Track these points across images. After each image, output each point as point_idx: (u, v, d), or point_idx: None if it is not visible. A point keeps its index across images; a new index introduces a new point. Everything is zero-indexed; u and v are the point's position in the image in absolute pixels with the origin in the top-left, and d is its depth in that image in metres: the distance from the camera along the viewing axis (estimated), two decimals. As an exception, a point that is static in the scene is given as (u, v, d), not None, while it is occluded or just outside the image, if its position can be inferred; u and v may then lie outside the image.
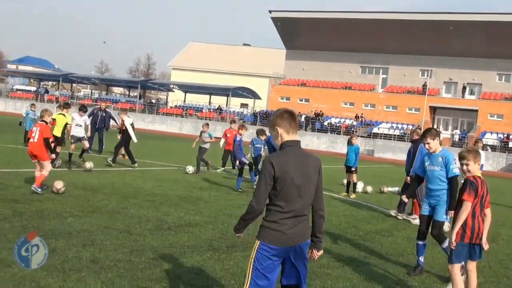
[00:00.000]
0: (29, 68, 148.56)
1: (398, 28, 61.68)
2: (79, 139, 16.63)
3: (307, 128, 60.51)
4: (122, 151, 18.99)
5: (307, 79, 69.15)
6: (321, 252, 4.57)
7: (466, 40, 58.91)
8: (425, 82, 60.91)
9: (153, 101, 74.28)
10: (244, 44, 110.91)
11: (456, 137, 56.59)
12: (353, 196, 16.66)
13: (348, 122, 61.20)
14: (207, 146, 19.45)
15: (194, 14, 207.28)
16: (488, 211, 6.30)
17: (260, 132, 16.18)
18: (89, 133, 20.00)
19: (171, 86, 72.75)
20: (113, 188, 13.02)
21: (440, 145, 8.09)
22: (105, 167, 17.44)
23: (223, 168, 21.27)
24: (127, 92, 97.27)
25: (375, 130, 58.68)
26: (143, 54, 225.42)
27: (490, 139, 54.65)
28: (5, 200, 9.99)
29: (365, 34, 63.75)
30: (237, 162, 15.92)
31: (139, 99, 73.37)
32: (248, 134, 57.89)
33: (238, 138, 16.33)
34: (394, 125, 60.01)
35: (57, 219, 8.88)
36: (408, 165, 13.16)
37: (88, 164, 15.94)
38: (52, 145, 12.27)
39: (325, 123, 60.95)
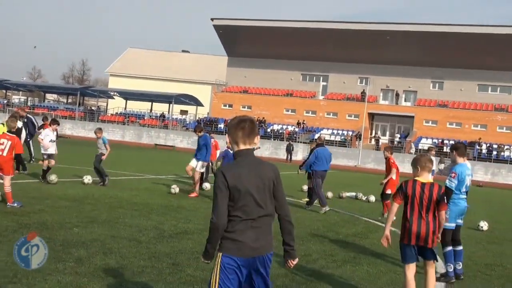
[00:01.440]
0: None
1: (337, 37, 63.72)
2: (49, 156, 16.00)
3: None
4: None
5: (249, 86, 70.16)
6: (297, 260, 4.48)
7: (401, 49, 61.53)
8: (364, 90, 63.16)
9: (94, 108, 73.23)
10: (183, 51, 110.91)
11: (396, 140, 58.88)
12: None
13: (290, 128, 62.50)
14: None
15: (132, 19, 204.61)
16: (441, 214, 6.40)
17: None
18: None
19: (112, 93, 72.07)
20: (95, 198, 13.31)
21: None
22: (67, 178, 17.55)
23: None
24: (61, 99, 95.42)
25: (316, 136, 60.13)
26: (77, 60, 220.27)
27: (426, 144, 57.22)
28: (3, 213, 10.20)
29: (305, 43, 65.40)
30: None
31: (78, 106, 72.22)
32: (193, 141, 58.41)
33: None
34: (335, 131, 61.79)
35: (63, 230, 9.22)
36: None
37: (53, 176, 15.48)
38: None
39: (268, 130, 62.04)
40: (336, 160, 51.93)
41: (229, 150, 15.96)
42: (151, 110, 72.95)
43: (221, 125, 63.51)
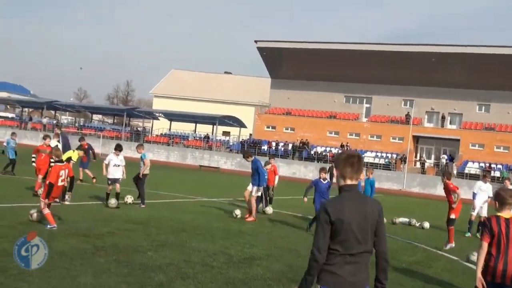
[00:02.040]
0: (4, 94, 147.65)
1: (380, 58, 63.53)
2: (115, 181, 16.21)
3: (294, 157, 61.55)
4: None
5: (292, 108, 70.42)
6: None
7: (447, 71, 60.97)
8: (408, 112, 62.70)
9: (139, 129, 74.63)
10: (225, 72, 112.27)
11: (443, 161, 57.99)
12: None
13: (334, 150, 62.34)
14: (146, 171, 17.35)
15: (176, 41, 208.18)
16: None
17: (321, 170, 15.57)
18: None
19: (157, 114, 73.31)
20: (158, 221, 13.67)
21: None
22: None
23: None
24: (106, 119, 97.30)
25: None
26: (122, 81, 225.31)
27: (472, 168, 56.33)
28: (77, 235, 10.60)
29: (349, 64, 65.47)
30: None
31: (125, 127, 73.68)
32: (237, 163, 58.74)
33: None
34: (379, 154, 61.39)
35: (137, 254, 9.53)
36: None
37: (113, 201, 15.71)
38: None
39: (312, 152, 62.04)
40: (380, 184, 51.48)
41: (320, 180, 15.11)
42: (195, 131, 73.83)
43: (265, 147, 63.82)
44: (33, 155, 16.86)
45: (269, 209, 18.49)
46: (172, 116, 73.58)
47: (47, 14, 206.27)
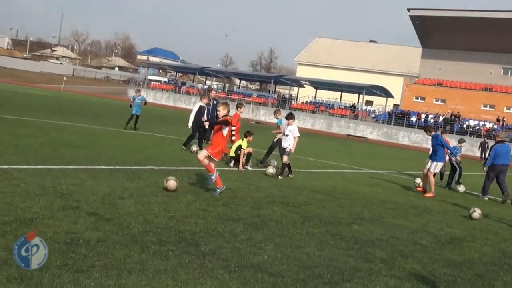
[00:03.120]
0: (157, 59, 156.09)
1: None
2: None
3: (445, 130, 58.99)
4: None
5: (443, 79, 67.39)
6: None
7: None
8: None
9: (286, 96, 75.51)
10: (370, 41, 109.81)
11: None
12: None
13: (488, 125, 58.96)
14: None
15: (320, 9, 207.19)
16: None
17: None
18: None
19: (303, 82, 73.61)
20: (342, 192, 13.69)
21: None
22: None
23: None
24: (249, 86, 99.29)
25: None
26: (265, 48, 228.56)
27: None
28: (279, 203, 10.86)
29: (508, 34, 61.12)
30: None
31: (272, 93, 74.87)
32: (384, 133, 57.36)
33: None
34: (540, 131, 57.11)
35: (343, 226, 9.57)
36: None
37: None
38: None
39: (464, 126, 59.15)
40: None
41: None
42: (340, 99, 73.30)
43: (413, 118, 61.88)
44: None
45: (461, 188, 18.38)
46: (318, 84, 73.56)
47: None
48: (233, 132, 16.15)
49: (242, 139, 15.94)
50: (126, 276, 5.50)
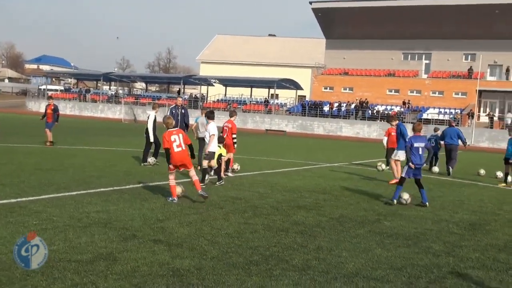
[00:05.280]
0: (47, 67, 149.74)
1: (439, 13, 62.33)
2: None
3: (356, 117, 61.40)
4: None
5: (349, 67, 69.89)
6: None
7: (510, 22, 59.54)
8: (471, 66, 61.83)
9: (197, 95, 75.10)
10: (269, 35, 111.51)
11: (509, 121, 57.24)
12: (514, 186, 17.54)
13: (396, 108, 61.88)
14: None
15: (217, 6, 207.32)
16: None
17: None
18: None
19: (213, 80, 73.56)
20: (333, 190, 14.00)
21: None
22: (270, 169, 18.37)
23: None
24: (148, 88, 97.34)
25: (424, 116, 59.32)
26: (163, 49, 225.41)
27: (542, 120, 55.48)
28: (296, 207, 10.97)
29: (405, 21, 64.42)
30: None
31: (183, 94, 74.23)
32: (299, 125, 58.66)
33: None
34: (442, 110, 60.70)
35: (374, 222, 9.86)
36: None
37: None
38: None
39: (374, 111, 61.72)
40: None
41: None
42: (250, 95, 73.99)
43: (326, 108, 63.72)
44: None
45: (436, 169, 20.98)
46: (227, 82, 73.79)
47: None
48: (235, 140, 16.07)
49: (220, 147, 15.81)
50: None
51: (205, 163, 13.65)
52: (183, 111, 18.42)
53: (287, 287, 5.93)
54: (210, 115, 14.65)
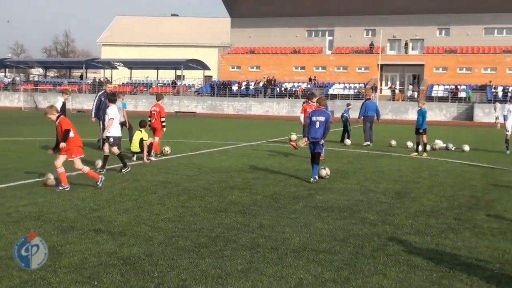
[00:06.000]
0: None
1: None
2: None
3: (265, 95, 62.11)
4: None
5: (255, 46, 70.33)
6: None
7: (407, -2, 62.27)
8: (372, 41, 64.10)
9: (102, 79, 72.87)
10: (172, 15, 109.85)
11: (409, 93, 59.98)
12: (424, 155, 18.45)
13: (303, 86, 63.09)
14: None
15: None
16: None
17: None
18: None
19: (117, 64, 71.64)
20: (277, 168, 14.16)
21: None
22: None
23: None
24: (44, 73, 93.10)
25: (330, 91, 60.95)
26: (60, 32, 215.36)
27: (439, 91, 58.61)
28: (234, 188, 11.01)
29: (308, -2, 65.73)
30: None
31: (85, 79, 71.90)
32: (208, 106, 58.56)
33: None
34: (347, 85, 62.62)
35: (307, 197, 10.08)
36: None
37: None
38: None
39: (282, 89, 62.63)
40: (355, 113, 53.02)
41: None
42: (157, 77, 72.85)
43: (235, 87, 63.93)
44: None
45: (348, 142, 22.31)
46: (132, 64, 72.23)
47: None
48: (164, 124, 15.91)
49: (141, 131, 15.52)
50: (231, 282, 5.46)
51: (106, 149, 13.07)
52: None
53: (241, 266, 5.97)
54: (111, 98, 13.62)
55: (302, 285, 5.45)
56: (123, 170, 12.68)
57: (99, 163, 13.00)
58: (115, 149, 12.84)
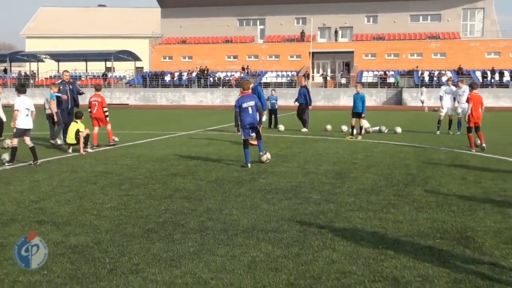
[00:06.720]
0: None
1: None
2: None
3: (198, 85, 61.79)
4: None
5: (186, 36, 69.77)
6: None
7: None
8: (303, 30, 64.87)
9: (27, 73, 70.32)
10: (99, 5, 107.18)
11: (342, 80, 61.14)
12: (359, 137, 18.93)
13: (236, 75, 63.17)
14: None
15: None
16: None
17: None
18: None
19: (43, 56, 69.31)
20: (187, 155, 14.14)
21: None
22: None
23: None
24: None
25: (263, 80, 61.29)
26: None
27: (368, 77, 60.06)
28: (176, 175, 10.96)
29: (238, -13, 65.70)
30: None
31: (10, 73, 69.24)
32: (141, 97, 57.73)
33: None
34: (279, 73, 63.17)
35: (251, 181, 10.17)
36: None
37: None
38: None
39: (216, 79, 62.49)
40: (287, 101, 53.63)
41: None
42: (86, 70, 71.09)
43: (167, 78, 63.28)
44: None
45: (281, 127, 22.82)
46: (60, 57, 70.10)
47: None
48: (107, 113, 15.78)
49: (77, 122, 15.16)
50: (185, 263, 5.47)
51: (14, 141, 12.68)
52: (71, 87, 17.46)
53: (193, 248, 5.99)
54: (20, 89, 12.89)
55: (255, 262, 5.53)
56: (32, 163, 12.30)
57: (6, 157, 12.57)
58: (14, 141, 12.62)
